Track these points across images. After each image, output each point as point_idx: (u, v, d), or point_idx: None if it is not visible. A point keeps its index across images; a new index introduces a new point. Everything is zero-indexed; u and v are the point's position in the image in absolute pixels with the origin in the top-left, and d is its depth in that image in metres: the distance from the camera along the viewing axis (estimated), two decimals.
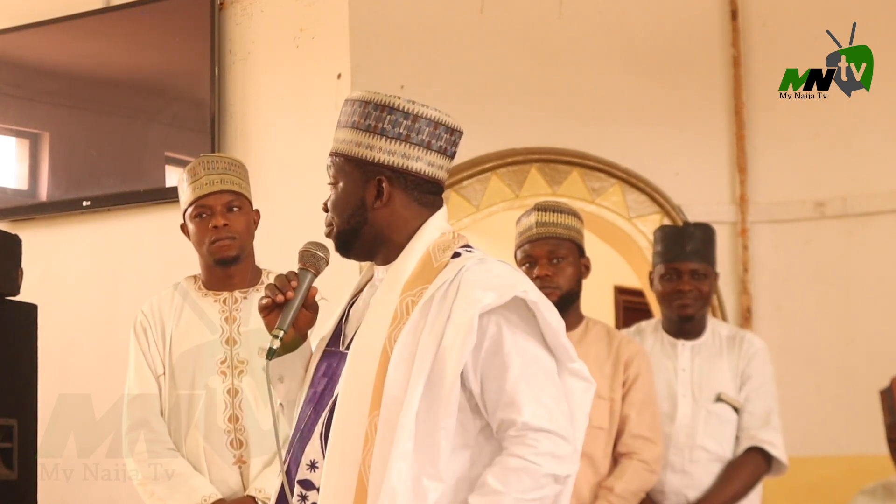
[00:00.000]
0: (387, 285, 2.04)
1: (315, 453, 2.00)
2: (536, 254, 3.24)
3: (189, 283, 3.14)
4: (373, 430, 1.93)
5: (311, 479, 2.00)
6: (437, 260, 2.03)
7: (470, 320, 1.91)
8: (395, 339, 1.96)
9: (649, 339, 3.56)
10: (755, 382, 3.46)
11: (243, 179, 3.12)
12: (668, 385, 3.45)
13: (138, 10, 4.66)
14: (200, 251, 3.08)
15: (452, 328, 1.93)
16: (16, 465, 2.95)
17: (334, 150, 2.09)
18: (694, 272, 3.46)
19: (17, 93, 4.88)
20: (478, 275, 1.99)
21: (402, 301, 1.99)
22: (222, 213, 3.03)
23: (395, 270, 2.04)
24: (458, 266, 2.01)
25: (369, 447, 1.92)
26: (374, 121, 2.05)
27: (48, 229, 4.71)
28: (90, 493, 4.07)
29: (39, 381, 3.10)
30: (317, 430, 2.01)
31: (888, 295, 4.76)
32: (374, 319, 2.01)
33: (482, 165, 4.66)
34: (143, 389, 3.04)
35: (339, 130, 2.10)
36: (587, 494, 3.16)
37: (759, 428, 3.40)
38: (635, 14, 4.99)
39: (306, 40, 4.39)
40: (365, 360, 1.97)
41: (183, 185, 3.09)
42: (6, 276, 3.00)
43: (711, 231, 3.57)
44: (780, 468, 3.43)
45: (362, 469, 1.92)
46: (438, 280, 1.99)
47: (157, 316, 3.09)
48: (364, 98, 2.07)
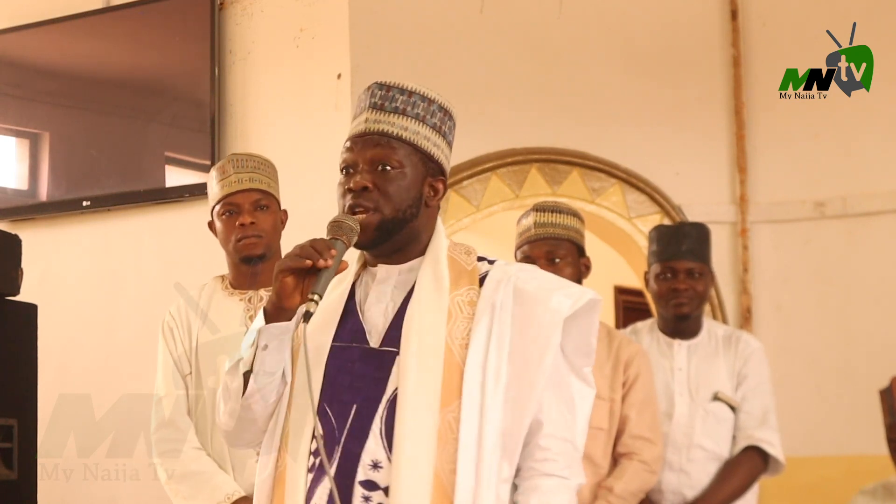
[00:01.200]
0: (427, 285, 2.02)
1: (376, 453, 1.94)
2: (535, 254, 3.24)
3: (216, 283, 3.14)
4: (446, 428, 1.93)
5: (375, 479, 1.94)
6: (466, 263, 2.08)
7: (556, 325, 1.98)
8: (456, 337, 1.98)
9: (645, 339, 3.56)
10: (752, 382, 3.46)
11: (272, 179, 3.12)
12: (664, 385, 3.45)
13: (138, 10, 4.66)
14: (227, 249, 3.07)
15: (534, 332, 1.98)
16: (16, 465, 2.95)
17: (401, 137, 2.02)
18: (689, 271, 3.46)
19: (17, 93, 4.88)
20: (537, 279, 2.06)
21: (454, 300, 2.01)
22: (249, 212, 3.02)
23: (429, 270, 2.04)
24: (503, 270, 2.07)
25: (444, 444, 1.93)
26: (438, 121, 2.07)
27: (48, 229, 4.71)
28: (90, 493, 4.07)
29: (39, 381, 3.10)
30: (374, 429, 1.95)
31: (888, 295, 4.77)
32: (429, 319, 1.99)
33: (482, 165, 4.66)
34: (171, 389, 3.04)
35: (395, 116, 2.03)
36: (587, 494, 3.16)
37: (755, 427, 3.41)
38: (635, 14, 4.99)
39: (306, 40, 4.39)
40: (428, 358, 1.96)
41: (212, 182, 3.09)
42: (6, 276, 3.00)
43: (707, 230, 3.57)
44: (777, 467, 3.43)
45: (438, 467, 1.92)
46: (490, 283, 2.03)
47: (184, 316, 3.09)
48: (427, 95, 2.07)
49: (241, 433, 2.08)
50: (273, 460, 2.03)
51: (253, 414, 2.02)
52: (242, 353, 1.99)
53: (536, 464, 2.00)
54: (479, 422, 1.94)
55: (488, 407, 1.95)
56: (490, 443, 1.94)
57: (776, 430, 3.43)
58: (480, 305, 2.01)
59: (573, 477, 2.03)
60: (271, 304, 1.97)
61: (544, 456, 2.00)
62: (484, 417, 1.95)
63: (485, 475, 1.93)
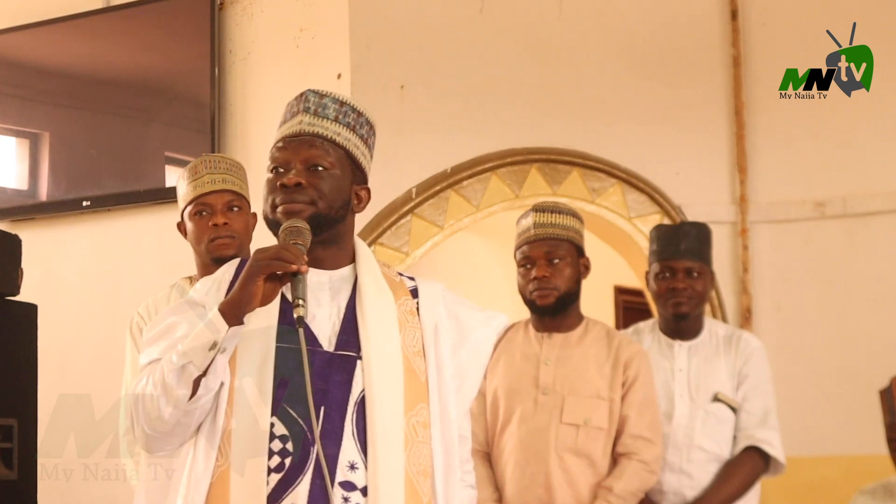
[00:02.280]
0: (372, 292, 2.10)
1: (351, 454, 2.00)
2: (534, 255, 3.24)
3: (186, 284, 3.13)
4: (412, 432, 2.04)
5: (353, 480, 1.99)
6: (392, 275, 2.19)
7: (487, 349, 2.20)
8: (409, 345, 2.10)
9: (646, 339, 3.56)
10: (752, 382, 3.46)
11: (243, 181, 3.13)
12: (665, 385, 3.45)
13: (138, 10, 4.66)
14: (198, 249, 3.07)
15: (468, 352, 2.16)
16: (16, 465, 2.95)
17: (335, 141, 2.10)
18: (688, 270, 3.46)
19: (17, 93, 4.88)
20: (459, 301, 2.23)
21: (400, 309, 2.11)
22: (223, 212, 3.02)
23: (369, 278, 2.12)
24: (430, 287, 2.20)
25: (411, 447, 2.03)
26: (365, 133, 2.15)
27: (48, 229, 4.71)
28: (90, 493, 4.07)
29: (39, 381, 3.10)
30: (347, 431, 2.00)
31: (888, 295, 4.76)
32: (383, 326, 2.08)
33: (482, 165, 4.66)
34: None
35: (328, 122, 2.10)
36: (586, 494, 3.16)
37: (756, 427, 3.41)
38: (635, 14, 4.99)
39: (306, 40, 4.39)
40: (387, 364, 2.05)
41: (182, 182, 3.09)
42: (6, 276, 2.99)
43: (707, 230, 3.57)
44: (778, 468, 3.43)
45: (408, 468, 2.02)
46: (425, 298, 2.17)
47: (153, 316, 3.08)
48: (356, 107, 2.14)
49: (171, 438, 2.04)
50: (211, 461, 2.01)
51: (192, 419, 2.00)
52: (186, 354, 1.95)
53: (464, 475, 2.19)
54: (441, 429, 2.10)
55: (449, 415, 2.11)
56: (455, 449, 2.11)
57: (777, 430, 3.43)
58: (424, 318, 2.14)
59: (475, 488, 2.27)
60: (233, 306, 1.96)
61: (467, 468, 2.20)
62: (445, 425, 2.10)
63: (452, 480, 2.10)
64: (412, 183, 4.50)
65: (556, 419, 3.18)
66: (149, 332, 2.12)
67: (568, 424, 3.18)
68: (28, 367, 3.06)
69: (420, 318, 2.13)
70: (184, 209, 3.08)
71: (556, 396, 3.21)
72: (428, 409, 2.08)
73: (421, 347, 2.11)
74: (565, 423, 3.18)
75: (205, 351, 1.95)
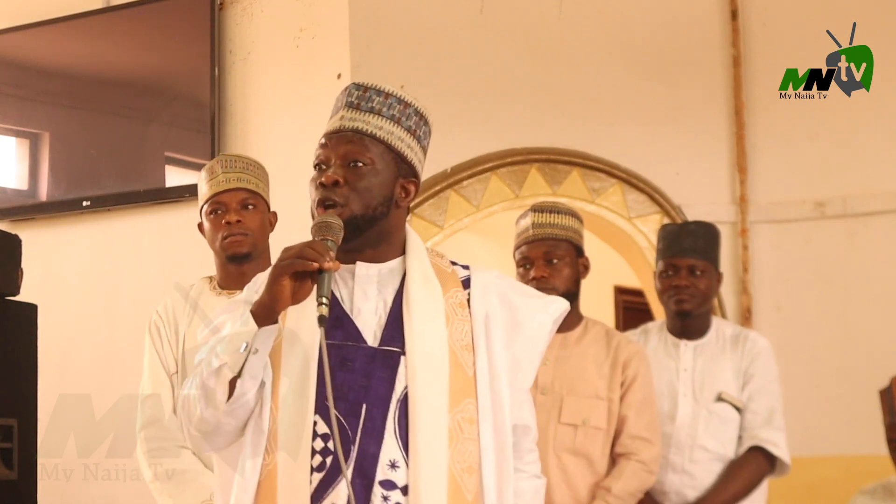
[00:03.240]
0: (419, 285, 2.06)
1: (392, 453, 1.97)
2: (533, 255, 3.24)
3: (204, 283, 3.15)
4: (456, 429, 2.00)
5: (393, 479, 1.96)
6: (445, 266, 2.13)
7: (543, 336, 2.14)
8: (457, 339, 2.05)
9: (654, 339, 3.56)
10: (758, 382, 3.45)
11: (261, 180, 3.12)
12: (669, 385, 3.45)
13: (138, 10, 4.66)
14: (214, 248, 3.08)
15: (523, 340, 2.11)
16: (16, 465, 2.95)
17: (375, 135, 2.04)
18: (692, 268, 3.45)
19: (17, 93, 4.88)
20: (515, 288, 2.18)
21: (448, 302, 2.07)
22: (236, 210, 3.03)
23: (417, 271, 2.08)
24: (483, 276, 2.14)
25: (455, 444, 1.99)
26: (413, 124, 2.08)
27: (48, 229, 4.71)
28: (90, 493, 4.07)
29: (39, 381, 3.10)
30: (389, 429, 1.98)
31: (888, 295, 4.77)
32: (429, 321, 2.04)
33: (482, 165, 4.66)
34: (157, 388, 3.05)
35: (370, 116, 2.05)
36: (585, 494, 3.17)
37: (760, 427, 3.40)
38: (635, 14, 4.99)
39: (306, 40, 4.39)
40: (433, 360, 2.02)
41: (201, 183, 3.11)
42: (6, 276, 3.00)
43: (713, 230, 3.56)
44: (783, 468, 3.42)
45: (451, 466, 1.98)
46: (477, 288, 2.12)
47: (171, 316, 3.09)
48: (403, 98, 2.08)
49: (215, 438, 2.04)
50: (259, 460, 2.00)
51: (235, 419, 2.00)
52: (220, 356, 1.95)
53: (526, 466, 2.14)
54: (494, 422, 2.04)
55: (503, 408, 2.05)
56: (508, 442, 2.05)
57: (782, 431, 3.41)
58: (475, 310, 2.08)
59: (543, 475, 2.23)
60: (263, 306, 1.95)
61: (531, 458, 2.17)
62: (498, 418, 2.04)
63: (505, 473, 2.04)
64: None
65: (555, 419, 3.18)
66: (200, 332, 2.14)
67: (566, 424, 3.18)
68: (28, 367, 3.06)
69: (471, 309, 2.08)
70: (201, 209, 3.09)
71: (555, 396, 3.20)
72: (475, 404, 2.03)
73: (470, 341, 2.06)
74: (564, 422, 3.18)
75: (237, 353, 1.93)
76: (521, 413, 2.12)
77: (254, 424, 2.01)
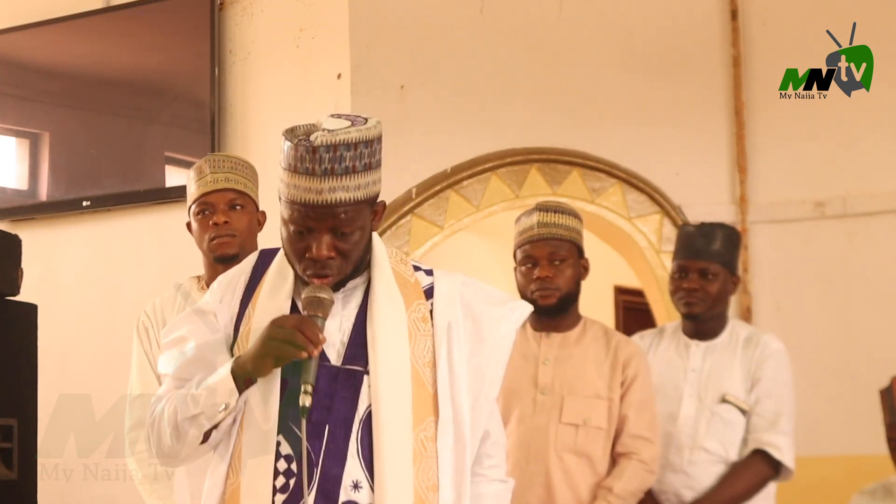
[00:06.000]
0: (382, 303, 2.06)
1: (355, 473, 1.97)
2: (537, 255, 3.24)
3: (192, 284, 3.14)
4: (420, 447, 2.00)
5: (356, 500, 1.97)
6: (408, 275, 2.12)
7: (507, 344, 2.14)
8: (419, 356, 2.05)
9: (667, 338, 3.55)
10: (765, 385, 3.41)
11: (249, 180, 3.11)
12: (674, 385, 3.44)
13: (138, 10, 4.67)
14: (202, 249, 3.07)
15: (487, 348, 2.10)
16: (16, 465, 2.94)
17: (356, 200, 1.97)
18: (702, 271, 3.43)
19: (17, 93, 4.88)
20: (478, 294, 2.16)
21: (410, 318, 2.06)
22: (224, 211, 3.02)
23: (382, 286, 2.07)
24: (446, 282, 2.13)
25: (419, 463, 1.99)
26: (378, 155, 2.02)
27: (48, 229, 4.71)
28: (90, 493, 4.07)
29: (39, 381, 3.10)
30: (351, 450, 1.98)
31: (888, 295, 4.76)
32: (393, 339, 2.03)
33: (482, 165, 4.66)
34: (145, 389, 3.03)
35: (347, 179, 1.96)
36: (586, 494, 3.16)
37: (764, 430, 3.37)
38: (635, 14, 4.99)
39: (306, 40, 4.40)
40: (397, 379, 2.01)
41: (190, 182, 3.10)
42: (6, 276, 2.99)
43: (732, 233, 3.52)
44: (787, 473, 3.38)
45: (416, 485, 1.98)
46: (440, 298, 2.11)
47: (160, 316, 3.08)
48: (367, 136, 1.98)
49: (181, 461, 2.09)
50: (223, 477, 2.02)
51: (202, 453, 2.05)
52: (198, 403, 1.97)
53: (486, 470, 2.13)
54: (454, 437, 2.04)
55: (463, 422, 2.05)
56: (468, 456, 2.06)
57: (787, 435, 3.36)
58: (437, 322, 2.08)
59: (509, 479, 2.20)
60: (244, 371, 1.97)
61: (491, 463, 2.15)
62: (458, 432, 2.05)
63: (464, 488, 2.05)
64: (412, 183, 4.50)
65: (556, 419, 3.18)
66: (163, 337, 2.15)
67: (567, 424, 3.18)
68: (28, 367, 3.06)
69: (433, 321, 2.08)
70: (189, 209, 3.09)
71: (555, 396, 3.20)
72: (436, 421, 2.03)
73: (432, 356, 2.06)
74: (564, 422, 3.18)
75: (216, 410, 1.97)
76: (488, 421, 2.13)
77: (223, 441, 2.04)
